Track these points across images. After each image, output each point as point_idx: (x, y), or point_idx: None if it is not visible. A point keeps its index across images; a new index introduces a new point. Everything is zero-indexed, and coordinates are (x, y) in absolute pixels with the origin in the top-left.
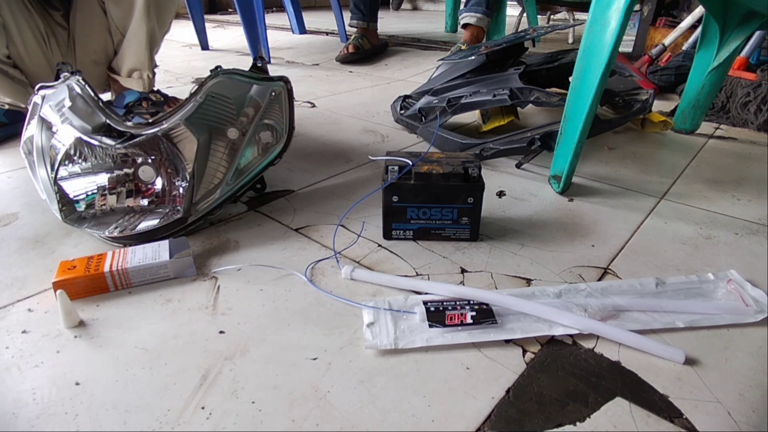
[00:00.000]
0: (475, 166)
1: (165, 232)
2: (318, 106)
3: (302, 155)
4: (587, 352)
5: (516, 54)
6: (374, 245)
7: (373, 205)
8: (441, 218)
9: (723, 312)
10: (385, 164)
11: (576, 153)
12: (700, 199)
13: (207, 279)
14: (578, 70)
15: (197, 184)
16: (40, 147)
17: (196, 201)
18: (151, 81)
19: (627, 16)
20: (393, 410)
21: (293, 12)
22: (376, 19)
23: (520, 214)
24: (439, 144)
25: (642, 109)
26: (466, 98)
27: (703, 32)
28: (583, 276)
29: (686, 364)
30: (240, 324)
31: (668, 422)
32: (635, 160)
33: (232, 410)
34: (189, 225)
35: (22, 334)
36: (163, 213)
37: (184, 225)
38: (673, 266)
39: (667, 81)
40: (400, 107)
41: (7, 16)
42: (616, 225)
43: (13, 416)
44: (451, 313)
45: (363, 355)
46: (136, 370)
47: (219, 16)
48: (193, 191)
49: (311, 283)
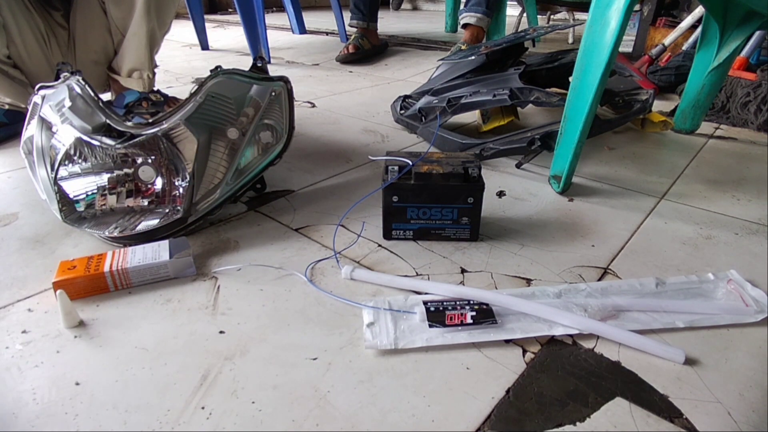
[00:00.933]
0: (475, 166)
1: (165, 232)
2: (318, 106)
3: (302, 155)
4: (587, 352)
5: (516, 54)
6: (374, 245)
7: (373, 205)
8: (441, 218)
9: (723, 312)
10: (385, 164)
11: (576, 153)
12: (700, 199)
13: (207, 279)
14: (578, 70)
15: (197, 184)
16: (40, 147)
17: (196, 201)
18: (151, 81)
19: (627, 16)
20: (393, 410)
21: (293, 12)
22: (376, 19)
23: (520, 214)
24: (439, 144)
25: (642, 109)
26: (466, 98)
27: (703, 32)
28: (583, 276)
29: (686, 364)
30: (240, 324)
31: (668, 422)
32: (635, 160)
33: (232, 410)
34: (189, 225)
35: (22, 334)
36: (162, 213)
37: (184, 225)
38: (673, 266)
39: (667, 81)
40: (400, 107)
41: (8, 16)
42: (616, 225)
43: (13, 416)
44: (451, 313)
45: (363, 355)
46: (136, 370)
47: (219, 16)
48: (193, 191)
49: (311, 283)
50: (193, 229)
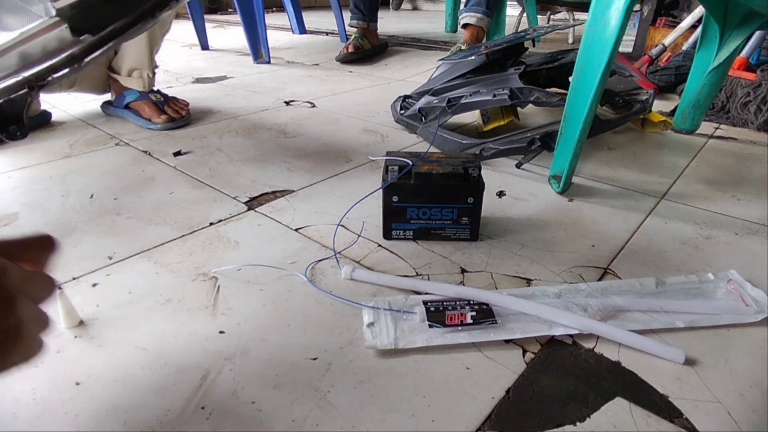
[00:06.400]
0: (475, 166)
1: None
2: (318, 106)
3: (302, 155)
4: (587, 352)
5: (516, 54)
6: (374, 245)
7: (373, 205)
8: (441, 218)
9: (723, 312)
10: (385, 164)
11: (576, 153)
12: (700, 199)
13: (207, 279)
14: (578, 70)
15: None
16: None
17: None
18: (151, 80)
19: (627, 16)
20: (393, 410)
21: (293, 12)
22: (376, 19)
23: (520, 214)
24: (439, 144)
25: (642, 109)
26: (466, 98)
27: (703, 32)
28: (583, 276)
29: (686, 364)
30: (240, 324)
31: (668, 422)
32: (635, 160)
33: (232, 410)
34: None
35: None
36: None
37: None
38: (673, 266)
39: (667, 81)
40: (400, 107)
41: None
42: (616, 225)
43: (13, 416)
44: (451, 313)
45: (363, 355)
46: (136, 370)
47: (219, 16)
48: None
49: (311, 283)
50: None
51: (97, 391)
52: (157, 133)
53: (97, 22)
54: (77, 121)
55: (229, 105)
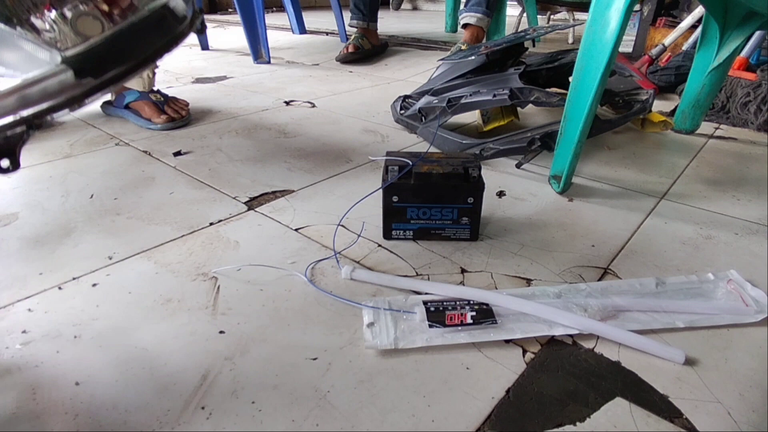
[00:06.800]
0: (475, 166)
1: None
2: (318, 106)
3: (302, 155)
4: (587, 352)
5: (516, 54)
6: (374, 245)
7: (373, 205)
8: (441, 218)
9: (723, 312)
10: (385, 164)
11: (576, 153)
12: (700, 199)
13: (207, 279)
14: (578, 70)
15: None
16: None
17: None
18: (151, 80)
19: (627, 16)
20: (393, 410)
21: (293, 12)
22: (376, 19)
23: (520, 214)
24: (439, 144)
25: (642, 109)
26: (466, 98)
27: (703, 32)
28: (583, 276)
29: (686, 364)
30: (240, 324)
31: (668, 422)
32: (635, 160)
33: (232, 410)
34: None
35: (22, 334)
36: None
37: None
38: (673, 266)
39: (667, 81)
40: (400, 107)
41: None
42: (616, 225)
43: (14, 416)
44: (451, 313)
45: (363, 355)
46: (136, 370)
47: (219, 16)
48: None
49: (311, 283)
50: None
51: (97, 391)
52: (157, 133)
53: (101, 66)
54: (77, 121)
55: (229, 105)
